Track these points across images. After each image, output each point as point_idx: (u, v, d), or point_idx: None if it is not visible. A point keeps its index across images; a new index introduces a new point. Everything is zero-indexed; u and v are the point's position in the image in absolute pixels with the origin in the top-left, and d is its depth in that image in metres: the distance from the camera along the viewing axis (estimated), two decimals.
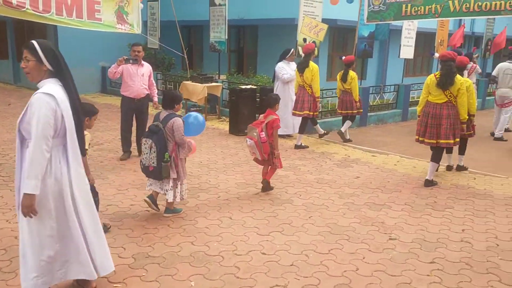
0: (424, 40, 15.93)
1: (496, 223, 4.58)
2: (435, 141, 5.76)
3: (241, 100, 8.67)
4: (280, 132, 6.14)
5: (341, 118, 8.78)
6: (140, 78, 6.48)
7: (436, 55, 6.68)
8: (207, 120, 8.67)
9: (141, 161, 4.36)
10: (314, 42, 9.28)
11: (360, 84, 10.07)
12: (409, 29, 11.56)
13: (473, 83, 7.64)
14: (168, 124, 4.21)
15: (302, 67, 7.65)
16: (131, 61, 6.39)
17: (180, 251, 3.79)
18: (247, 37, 14.59)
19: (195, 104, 10.35)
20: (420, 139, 5.91)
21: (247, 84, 9.64)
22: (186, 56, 10.73)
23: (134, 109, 6.58)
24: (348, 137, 8.47)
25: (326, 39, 12.33)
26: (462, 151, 6.54)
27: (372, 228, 4.39)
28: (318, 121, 8.28)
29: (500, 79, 9.27)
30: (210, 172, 6.10)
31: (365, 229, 4.35)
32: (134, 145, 6.83)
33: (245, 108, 8.66)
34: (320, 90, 8.05)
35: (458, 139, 5.77)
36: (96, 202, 4.14)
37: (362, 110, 8.64)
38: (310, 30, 9.13)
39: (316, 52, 9.25)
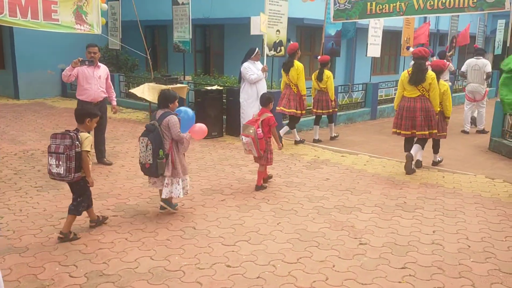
0: (391, 38, 16.07)
1: (467, 223, 4.50)
2: (410, 132, 6.04)
3: (207, 102, 8.41)
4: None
5: (313, 117, 8.65)
6: (97, 81, 6.13)
7: (411, 49, 6.80)
8: None
9: (139, 159, 4.42)
10: (281, 40, 9.12)
11: None
12: (376, 28, 11.55)
13: (446, 80, 7.73)
14: (163, 122, 4.30)
15: (287, 67, 7.68)
16: (86, 63, 6.01)
17: (137, 267, 3.50)
18: (213, 37, 14.30)
19: None
20: (397, 131, 6.18)
21: (213, 85, 9.38)
22: (149, 57, 10.36)
23: None
24: (317, 137, 8.36)
25: (293, 38, 12.22)
26: (436, 151, 6.73)
27: (342, 233, 4.23)
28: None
29: (469, 75, 9.45)
30: None
31: (335, 234, 4.18)
32: (92, 151, 6.44)
33: (212, 110, 8.40)
34: None
35: (434, 131, 6.00)
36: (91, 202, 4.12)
37: (337, 109, 8.65)
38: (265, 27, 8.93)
39: (283, 51, 9.09)
